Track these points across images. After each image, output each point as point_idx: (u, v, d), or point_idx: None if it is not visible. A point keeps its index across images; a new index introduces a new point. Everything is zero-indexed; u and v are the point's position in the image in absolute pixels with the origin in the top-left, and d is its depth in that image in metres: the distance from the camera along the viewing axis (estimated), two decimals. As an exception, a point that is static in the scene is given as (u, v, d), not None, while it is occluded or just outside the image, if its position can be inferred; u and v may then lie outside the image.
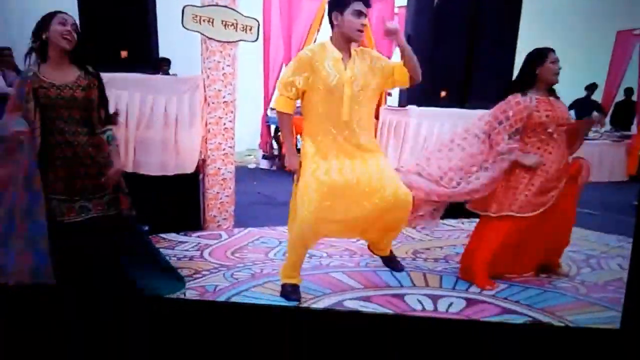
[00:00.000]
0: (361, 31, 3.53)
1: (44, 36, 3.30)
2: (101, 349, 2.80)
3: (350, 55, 3.58)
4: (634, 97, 11.57)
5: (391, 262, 4.08)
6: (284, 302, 3.68)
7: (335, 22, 3.53)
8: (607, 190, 8.67)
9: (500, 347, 2.02)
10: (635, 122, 11.29)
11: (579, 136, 4.35)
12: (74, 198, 3.41)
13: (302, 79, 3.50)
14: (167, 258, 4.45)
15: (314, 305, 3.67)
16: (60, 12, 3.38)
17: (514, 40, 6.74)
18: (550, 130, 4.08)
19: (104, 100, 3.51)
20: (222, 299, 3.72)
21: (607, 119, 11.74)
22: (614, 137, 11.16)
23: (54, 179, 3.35)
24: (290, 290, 3.73)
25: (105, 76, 3.62)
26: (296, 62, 3.57)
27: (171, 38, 5.92)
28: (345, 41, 3.55)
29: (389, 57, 9.69)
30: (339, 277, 4.22)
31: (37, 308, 3.04)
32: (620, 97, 11.82)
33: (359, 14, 3.47)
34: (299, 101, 3.67)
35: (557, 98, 4.20)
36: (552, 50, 4.12)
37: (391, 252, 4.10)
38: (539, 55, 4.12)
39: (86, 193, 3.44)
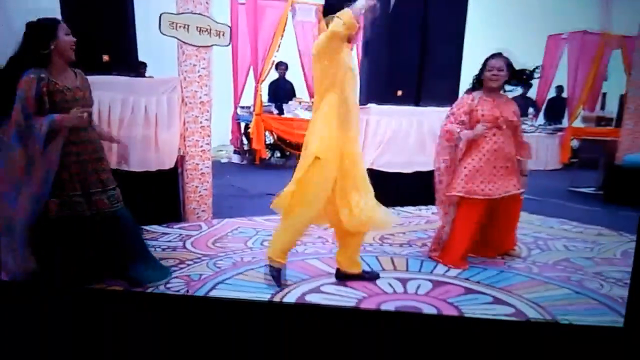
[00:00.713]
0: None
1: (52, 45, 3.14)
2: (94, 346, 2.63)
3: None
4: (564, 94, 11.73)
5: (367, 275, 3.87)
6: (265, 290, 3.57)
7: None
8: (545, 178, 8.74)
9: (501, 345, 1.91)
10: (566, 115, 11.45)
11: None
12: (89, 192, 3.30)
13: None
14: (152, 250, 4.32)
15: (294, 291, 3.56)
16: (59, 20, 3.26)
17: (461, 45, 6.75)
18: (489, 125, 4.11)
19: None
20: (207, 287, 3.59)
21: (542, 114, 11.96)
22: (548, 130, 11.34)
23: (69, 178, 3.22)
24: (275, 275, 3.60)
25: (89, 79, 3.49)
26: None
27: (145, 42, 5.73)
28: None
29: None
30: (314, 264, 4.13)
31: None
32: (552, 94, 11.98)
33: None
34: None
35: (507, 99, 4.29)
36: (493, 57, 4.18)
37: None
38: (483, 63, 4.23)
39: (99, 186, 3.36)
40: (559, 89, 11.74)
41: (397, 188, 6.20)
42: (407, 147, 6.41)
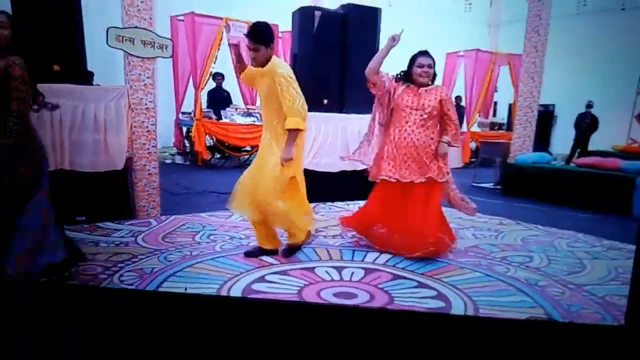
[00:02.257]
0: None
1: None
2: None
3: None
4: (462, 103, 12.03)
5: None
6: (214, 281, 3.41)
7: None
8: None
9: (501, 343, 1.80)
10: (465, 121, 11.72)
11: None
12: None
13: None
14: (105, 245, 4.07)
15: (243, 279, 3.42)
16: None
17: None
18: (406, 113, 4.02)
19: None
20: (159, 279, 3.38)
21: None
22: (449, 134, 11.55)
23: None
24: None
25: (41, 87, 3.28)
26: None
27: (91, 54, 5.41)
28: None
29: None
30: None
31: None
32: (452, 103, 12.22)
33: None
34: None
35: (433, 88, 4.04)
36: (423, 55, 4.03)
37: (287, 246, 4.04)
38: (411, 59, 4.09)
39: None
40: (458, 98, 12.03)
41: (326, 186, 6.17)
42: (334, 149, 6.36)
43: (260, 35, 3.59)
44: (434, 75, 4.08)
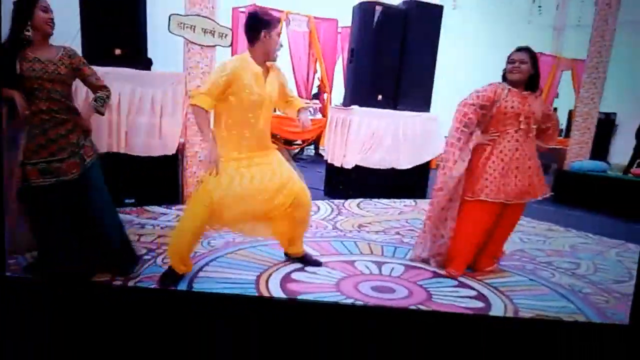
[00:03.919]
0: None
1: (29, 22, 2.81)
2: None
3: (267, 71, 3.19)
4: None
5: (308, 261, 3.59)
6: (253, 268, 3.44)
7: (264, 39, 3.06)
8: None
9: (508, 342, 1.77)
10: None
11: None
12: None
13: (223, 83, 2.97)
14: (151, 227, 4.15)
15: (282, 269, 3.43)
16: None
17: (435, 56, 6.66)
18: (519, 122, 3.42)
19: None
20: (201, 264, 3.44)
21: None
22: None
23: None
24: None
25: (101, 70, 3.41)
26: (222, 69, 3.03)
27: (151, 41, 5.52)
28: (265, 57, 3.13)
29: (333, 66, 9.65)
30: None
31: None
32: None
33: (279, 35, 3.13)
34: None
35: (538, 95, 3.52)
36: (518, 51, 3.42)
37: (305, 253, 3.61)
38: (508, 57, 3.47)
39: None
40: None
41: (373, 182, 6.17)
42: (384, 146, 6.31)
43: None
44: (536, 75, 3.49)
